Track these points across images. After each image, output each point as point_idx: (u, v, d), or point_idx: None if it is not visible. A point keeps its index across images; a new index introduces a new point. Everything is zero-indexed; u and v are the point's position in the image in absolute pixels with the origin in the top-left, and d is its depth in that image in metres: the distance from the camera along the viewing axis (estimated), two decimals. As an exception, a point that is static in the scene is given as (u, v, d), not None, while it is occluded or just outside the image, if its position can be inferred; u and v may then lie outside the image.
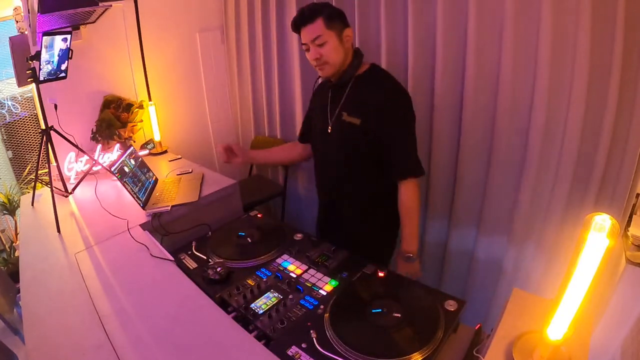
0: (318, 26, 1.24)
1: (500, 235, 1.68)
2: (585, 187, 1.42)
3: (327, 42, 1.25)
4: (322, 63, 1.28)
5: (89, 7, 1.80)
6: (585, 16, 1.23)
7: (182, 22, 2.55)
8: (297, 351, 0.94)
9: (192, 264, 1.34)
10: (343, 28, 1.27)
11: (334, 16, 1.25)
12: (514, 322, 0.91)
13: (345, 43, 1.28)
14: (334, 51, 1.26)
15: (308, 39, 1.26)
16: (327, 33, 1.24)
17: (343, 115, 1.35)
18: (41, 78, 1.66)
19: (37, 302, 1.21)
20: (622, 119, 1.30)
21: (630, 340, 1.18)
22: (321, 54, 1.26)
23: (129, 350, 0.98)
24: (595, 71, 1.28)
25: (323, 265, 1.27)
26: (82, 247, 1.45)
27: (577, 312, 0.74)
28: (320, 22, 1.24)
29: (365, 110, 1.30)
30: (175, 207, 1.65)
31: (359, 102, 1.32)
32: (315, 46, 1.26)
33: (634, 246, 1.27)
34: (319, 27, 1.24)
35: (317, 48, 1.26)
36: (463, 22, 1.52)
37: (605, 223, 0.66)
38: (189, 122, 2.77)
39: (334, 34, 1.25)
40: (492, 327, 0.96)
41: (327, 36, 1.24)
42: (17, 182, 2.92)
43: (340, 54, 1.28)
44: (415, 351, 0.91)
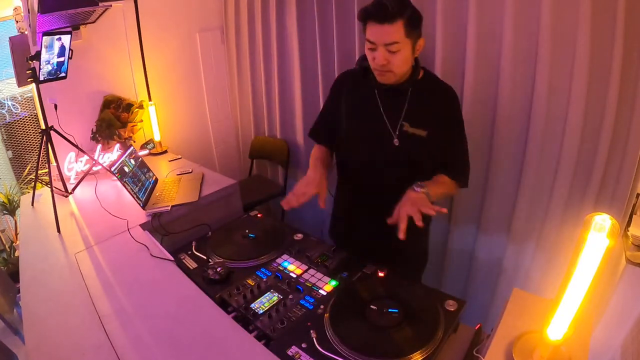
0: (397, 30, 1.03)
1: (500, 235, 1.68)
2: (585, 187, 1.42)
3: (401, 51, 1.06)
4: (387, 70, 1.11)
5: (89, 7, 1.80)
6: (585, 16, 1.23)
7: (182, 22, 2.55)
8: (297, 351, 0.94)
9: (192, 264, 1.34)
10: (419, 37, 1.10)
11: (415, 22, 1.06)
12: (514, 322, 0.91)
13: (416, 54, 1.12)
14: (405, 62, 1.10)
15: (381, 40, 1.05)
16: (405, 41, 1.05)
17: (405, 126, 1.20)
18: (41, 78, 1.67)
19: (37, 302, 1.21)
20: (622, 119, 1.30)
21: (630, 340, 1.18)
22: (390, 61, 1.08)
23: (129, 350, 0.98)
24: (595, 71, 1.28)
25: (323, 265, 1.27)
26: (82, 247, 1.45)
27: (577, 312, 0.74)
28: (400, 26, 1.03)
29: (430, 121, 1.18)
30: (175, 207, 1.65)
31: (423, 112, 1.19)
32: (387, 51, 1.06)
33: (634, 246, 1.27)
34: (399, 32, 1.04)
35: (388, 54, 1.07)
36: (463, 22, 1.52)
37: (605, 223, 0.66)
38: (189, 122, 2.77)
39: (410, 43, 1.07)
40: (492, 327, 0.96)
41: (403, 44, 1.05)
42: (17, 182, 2.92)
43: (409, 65, 1.13)
44: (415, 351, 0.91)
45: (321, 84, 2.15)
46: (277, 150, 2.54)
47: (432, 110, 1.19)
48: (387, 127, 1.22)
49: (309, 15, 2.09)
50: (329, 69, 2.09)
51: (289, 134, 2.51)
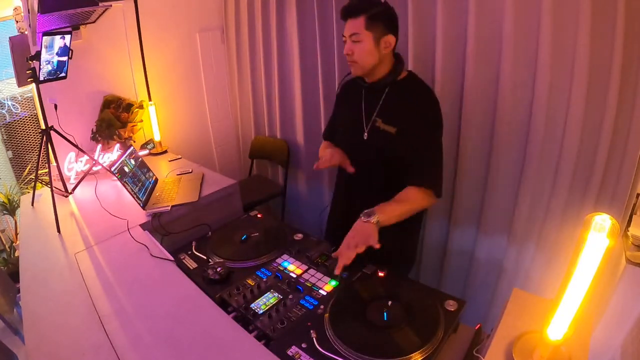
0: (358, 23, 1.19)
1: (500, 235, 1.68)
2: (585, 187, 1.42)
3: (362, 42, 1.20)
4: (352, 61, 1.25)
5: (89, 7, 1.80)
6: (585, 16, 1.23)
7: (182, 22, 2.55)
8: (297, 351, 0.94)
9: (192, 264, 1.34)
10: (385, 33, 1.20)
11: (378, 18, 1.19)
12: (514, 322, 0.91)
13: (383, 49, 1.22)
14: (366, 53, 1.21)
15: (346, 32, 1.23)
16: (365, 33, 1.19)
17: (377, 122, 1.29)
18: (41, 78, 1.66)
19: (37, 302, 1.21)
20: (622, 119, 1.30)
21: (630, 340, 1.18)
22: (353, 51, 1.22)
23: (129, 350, 0.98)
24: (595, 71, 1.28)
25: (323, 265, 1.27)
26: (82, 247, 1.45)
27: (577, 312, 0.74)
28: (361, 20, 1.18)
29: (402, 119, 1.25)
30: (175, 207, 1.65)
31: (396, 110, 1.27)
32: (350, 42, 1.22)
33: (634, 246, 1.27)
34: (359, 25, 1.19)
35: (351, 44, 1.22)
36: (463, 22, 1.52)
37: (605, 223, 0.66)
38: (189, 122, 2.77)
39: (371, 36, 1.19)
40: (492, 327, 0.96)
41: (363, 36, 1.19)
42: (17, 182, 2.92)
43: (373, 58, 1.23)
44: (415, 351, 0.91)
45: (321, 84, 2.15)
46: (277, 150, 2.54)
47: (407, 109, 1.24)
48: (362, 121, 1.33)
49: (309, 15, 2.09)
50: (329, 69, 2.09)
51: (289, 134, 2.51)
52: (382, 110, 1.29)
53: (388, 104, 1.28)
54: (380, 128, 1.29)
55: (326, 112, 2.19)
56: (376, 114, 1.30)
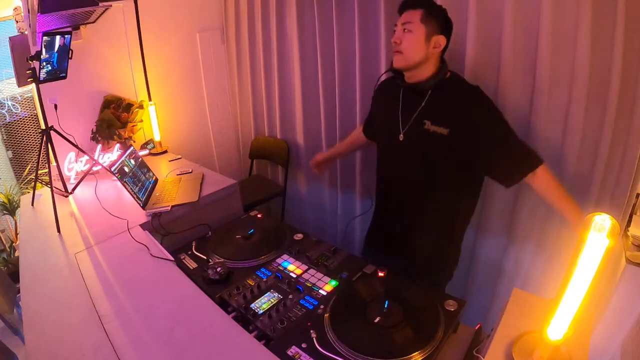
0: (415, 14, 1.19)
1: (500, 235, 1.68)
2: (585, 187, 1.42)
3: (413, 32, 1.18)
4: (398, 50, 1.22)
5: (89, 7, 1.80)
6: (585, 16, 1.23)
7: (182, 22, 2.55)
8: (297, 351, 0.94)
9: (192, 264, 1.34)
10: (438, 32, 1.19)
11: (434, 15, 1.19)
12: (514, 322, 0.91)
13: (431, 47, 1.19)
14: (414, 45, 1.19)
15: (401, 20, 1.21)
16: (419, 25, 1.18)
17: (426, 124, 1.24)
18: (41, 78, 1.66)
19: (37, 302, 1.21)
20: (622, 119, 1.29)
21: (630, 340, 1.18)
22: (402, 39, 1.20)
23: (129, 350, 0.98)
24: (595, 71, 1.28)
25: (323, 265, 1.27)
26: (82, 247, 1.45)
27: (577, 312, 0.74)
28: (419, 12, 1.18)
29: (456, 119, 1.20)
30: (175, 207, 1.65)
31: (446, 110, 1.22)
32: (402, 30, 1.20)
33: (634, 246, 1.27)
34: (415, 16, 1.18)
35: (402, 32, 1.20)
36: (463, 21, 1.52)
37: (605, 223, 0.66)
38: (189, 122, 2.77)
39: (424, 30, 1.18)
40: (492, 327, 0.96)
41: (416, 27, 1.18)
42: (17, 182, 2.92)
43: (420, 52, 1.20)
44: (415, 351, 0.91)
45: (321, 83, 2.15)
46: (277, 150, 2.54)
47: (460, 109, 1.20)
48: (397, 122, 1.30)
49: (309, 15, 2.09)
50: (329, 69, 2.09)
51: (289, 134, 2.51)
52: (428, 111, 1.24)
53: (435, 105, 1.24)
54: (429, 130, 1.23)
55: (326, 112, 2.19)
56: (419, 115, 1.25)
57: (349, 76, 1.99)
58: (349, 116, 2.06)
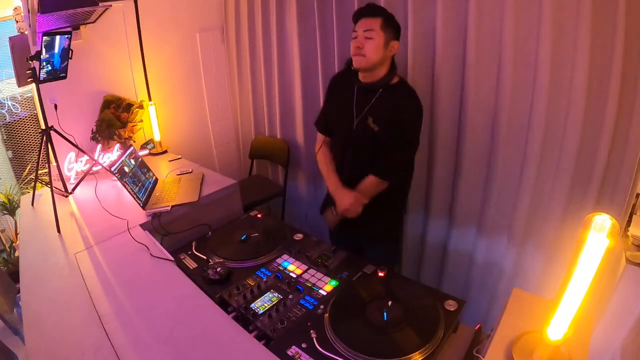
0: (375, 22, 1.34)
1: (500, 235, 1.68)
2: (585, 187, 1.42)
3: (374, 39, 1.34)
4: (360, 54, 1.37)
5: (89, 7, 1.80)
6: (585, 16, 1.23)
7: (182, 22, 2.55)
8: (297, 351, 0.94)
9: (192, 264, 1.34)
10: (393, 38, 1.37)
11: (391, 24, 1.36)
12: (514, 322, 0.91)
13: (388, 52, 1.37)
14: (375, 50, 1.35)
15: (361, 28, 1.36)
16: (379, 33, 1.34)
17: (368, 119, 1.44)
18: (41, 78, 1.66)
19: (37, 302, 1.21)
20: (622, 119, 1.29)
21: (630, 340, 1.18)
22: (364, 45, 1.35)
23: (129, 350, 0.98)
24: (595, 71, 1.28)
25: (323, 265, 1.27)
26: (82, 247, 1.45)
27: (577, 312, 0.74)
28: (378, 20, 1.34)
29: (386, 121, 1.41)
30: (175, 207, 1.65)
31: (384, 112, 1.41)
32: (363, 37, 1.36)
33: (634, 246, 1.26)
34: (375, 24, 1.34)
35: (364, 39, 1.36)
36: (463, 21, 1.52)
37: (605, 223, 0.66)
38: (189, 122, 2.77)
39: (383, 37, 1.35)
40: (492, 327, 0.96)
41: (376, 34, 1.34)
42: (17, 182, 2.91)
43: (379, 56, 1.36)
44: (415, 351, 0.91)
45: (321, 83, 2.15)
46: (277, 150, 2.54)
47: (392, 113, 1.39)
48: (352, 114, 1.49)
49: (309, 15, 2.09)
50: (329, 69, 2.09)
51: (289, 134, 2.50)
52: (373, 109, 1.44)
53: (378, 105, 1.43)
54: (369, 125, 1.44)
55: (326, 112, 2.18)
56: (367, 112, 1.45)
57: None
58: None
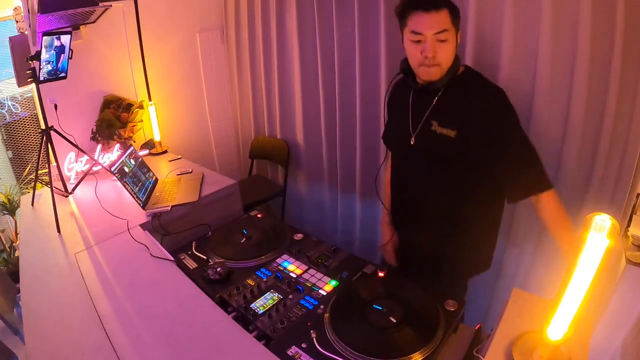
0: (444, 17, 0.99)
1: (500, 235, 1.67)
2: (585, 187, 1.42)
3: (449, 40, 1.02)
4: (434, 64, 1.04)
5: (89, 7, 1.80)
6: (585, 16, 1.23)
7: (182, 22, 2.55)
8: (297, 351, 0.94)
9: (192, 264, 1.34)
10: (458, 29, 1.05)
11: (457, 12, 1.03)
12: (514, 322, 0.91)
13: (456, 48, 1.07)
14: (452, 54, 1.05)
15: (430, 29, 1.00)
16: (452, 30, 1.02)
17: (433, 125, 1.13)
18: (41, 78, 1.66)
19: (37, 302, 1.21)
20: (622, 119, 1.29)
21: (630, 340, 1.18)
22: (438, 52, 1.02)
23: (129, 350, 0.98)
24: (595, 71, 1.28)
25: (323, 265, 1.27)
26: (82, 247, 1.45)
27: (577, 312, 0.74)
28: (446, 14, 1.00)
29: (464, 120, 1.08)
30: (175, 207, 1.65)
31: (455, 110, 1.10)
32: (436, 40, 1.01)
33: (634, 246, 1.26)
34: (446, 20, 1.00)
35: (437, 43, 1.02)
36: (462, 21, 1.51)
37: (605, 223, 0.66)
38: (189, 122, 2.77)
39: (454, 34, 1.03)
40: (492, 327, 0.96)
41: (451, 33, 1.02)
42: (17, 182, 2.92)
43: (454, 58, 1.07)
44: (415, 351, 0.91)
45: (321, 84, 2.15)
46: (277, 150, 2.54)
47: (469, 109, 1.07)
48: (408, 126, 1.19)
49: (309, 15, 2.09)
50: (329, 69, 2.08)
51: (289, 134, 2.50)
52: (437, 111, 1.13)
53: (444, 104, 1.12)
54: (436, 132, 1.12)
55: (326, 112, 2.19)
56: (429, 116, 1.14)
57: (349, 76, 1.99)
58: (349, 116, 2.06)
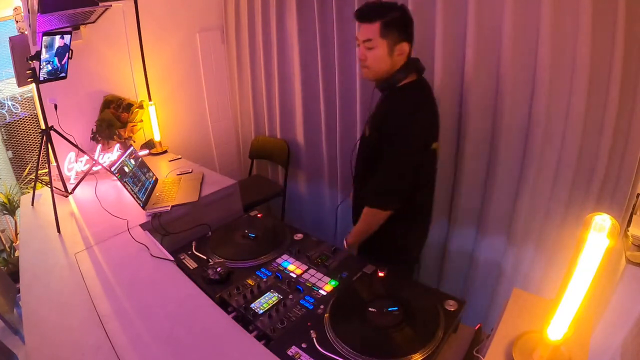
0: (373, 30, 1.18)
1: (500, 236, 1.68)
2: (585, 187, 1.42)
3: (376, 48, 1.20)
4: (364, 66, 1.26)
5: (89, 7, 1.80)
6: (585, 16, 1.23)
7: (182, 22, 2.55)
8: (297, 351, 0.94)
9: (192, 264, 1.34)
10: (400, 41, 1.20)
11: (393, 25, 1.18)
12: (514, 322, 0.91)
13: (396, 56, 1.21)
14: (379, 60, 1.22)
15: (360, 37, 1.23)
16: (379, 40, 1.19)
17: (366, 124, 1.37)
18: (41, 78, 1.66)
19: (37, 302, 1.21)
20: (622, 119, 1.30)
21: (630, 340, 1.18)
22: (366, 57, 1.23)
23: (129, 350, 0.98)
24: (595, 71, 1.28)
25: (323, 265, 1.27)
26: (82, 247, 1.45)
27: (577, 312, 0.74)
28: (376, 27, 1.18)
29: (375, 126, 1.30)
30: (175, 207, 1.65)
31: (377, 115, 1.30)
32: (364, 47, 1.22)
33: (634, 246, 1.27)
34: (374, 31, 1.18)
35: (365, 50, 1.23)
36: (462, 21, 1.52)
37: (605, 223, 0.66)
38: (189, 122, 2.77)
39: (386, 44, 1.19)
40: (492, 327, 0.96)
41: (377, 43, 1.19)
42: (17, 182, 2.92)
43: (386, 64, 1.22)
44: (415, 351, 0.91)
45: (321, 83, 2.15)
46: (277, 150, 2.54)
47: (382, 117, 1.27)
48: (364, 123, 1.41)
49: (309, 15, 2.09)
50: (330, 69, 2.09)
51: (289, 134, 2.50)
52: (373, 114, 1.35)
53: (378, 108, 1.32)
54: (365, 132, 1.37)
55: (326, 112, 2.19)
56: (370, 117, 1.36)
57: (349, 76, 1.99)
58: (349, 115, 2.06)
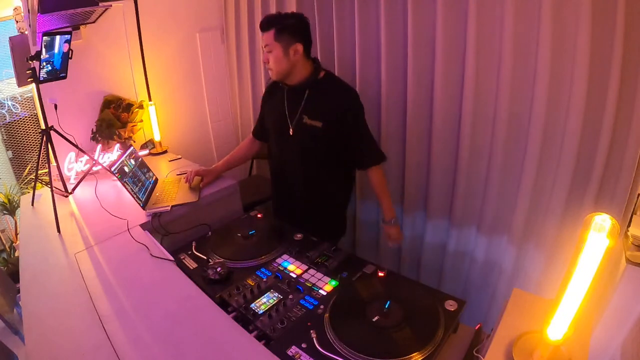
0: (269, 36, 1.43)
1: (500, 235, 1.68)
2: (585, 187, 1.42)
3: (273, 51, 1.44)
4: (269, 68, 1.49)
5: (89, 7, 1.80)
6: (585, 16, 1.23)
7: (182, 22, 2.55)
8: (297, 351, 0.94)
9: (192, 264, 1.34)
10: (292, 43, 1.42)
11: (285, 31, 1.42)
12: (514, 322, 0.91)
13: (292, 56, 1.44)
14: (277, 61, 1.45)
15: (262, 44, 1.47)
16: (274, 44, 1.43)
17: (304, 118, 1.51)
18: (41, 78, 1.66)
19: (37, 302, 1.21)
20: (621, 119, 1.29)
21: (630, 340, 1.18)
22: (267, 59, 1.47)
23: (129, 350, 0.98)
24: (595, 71, 1.28)
25: (323, 265, 1.27)
26: (82, 247, 1.45)
27: (577, 312, 0.74)
28: (271, 33, 1.42)
29: (327, 114, 1.48)
30: (175, 207, 1.65)
31: (320, 106, 1.49)
32: (266, 52, 1.46)
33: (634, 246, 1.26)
34: (269, 37, 1.43)
35: (266, 54, 1.47)
36: (462, 22, 1.52)
37: (605, 223, 0.66)
38: (189, 122, 2.77)
39: (280, 47, 1.42)
40: (492, 327, 0.96)
41: (273, 47, 1.43)
42: (17, 182, 2.92)
43: (284, 65, 1.45)
44: (415, 351, 0.91)
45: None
46: (277, 150, 2.54)
47: (330, 104, 1.48)
48: (286, 119, 1.56)
49: (308, 14, 2.08)
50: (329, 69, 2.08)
51: (289, 134, 2.50)
52: (307, 107, 1.51)
53: (311, 102, 1.50)
54: (307, 124, 1.50)
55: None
56: (301, 111, 1.51)
57: (349, 75, 1.99)
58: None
